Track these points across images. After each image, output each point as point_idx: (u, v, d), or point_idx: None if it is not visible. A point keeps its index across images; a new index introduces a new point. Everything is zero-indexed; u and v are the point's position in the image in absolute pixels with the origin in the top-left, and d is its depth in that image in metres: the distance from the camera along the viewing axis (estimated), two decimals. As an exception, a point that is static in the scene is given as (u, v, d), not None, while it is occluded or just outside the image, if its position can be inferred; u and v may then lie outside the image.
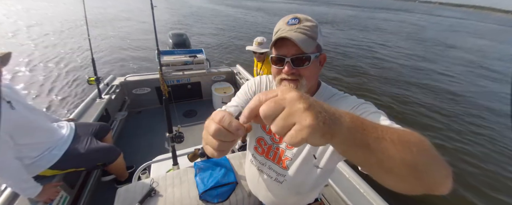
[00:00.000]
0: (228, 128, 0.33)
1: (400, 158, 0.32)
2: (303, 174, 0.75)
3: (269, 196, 0.88)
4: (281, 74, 0.63)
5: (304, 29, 0.58)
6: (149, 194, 1.05)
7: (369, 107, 0.61)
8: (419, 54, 10.01)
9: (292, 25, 0.59)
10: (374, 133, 0.32)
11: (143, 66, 5.94)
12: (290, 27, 0.59)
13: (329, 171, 0.82)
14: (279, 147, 0.77)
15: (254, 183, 0.94)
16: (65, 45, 7.06)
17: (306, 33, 0.58)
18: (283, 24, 0.61)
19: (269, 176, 0.82)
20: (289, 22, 0.60)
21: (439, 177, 0.35)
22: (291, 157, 0.75)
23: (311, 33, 0.59)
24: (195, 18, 14.73)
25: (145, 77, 2.92)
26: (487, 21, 47.38)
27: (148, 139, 2.44)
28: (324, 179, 0.84)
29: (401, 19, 28.02)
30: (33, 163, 1.26)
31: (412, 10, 60.24)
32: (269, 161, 0.81)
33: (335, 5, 47.93)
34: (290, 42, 0.58)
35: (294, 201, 0.87)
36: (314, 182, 0.78)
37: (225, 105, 0.77)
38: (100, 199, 1.75)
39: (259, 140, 0.82)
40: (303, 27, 0.58)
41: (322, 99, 0.70)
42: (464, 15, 67.32)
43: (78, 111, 2.06)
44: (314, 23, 0.61)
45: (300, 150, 0.73)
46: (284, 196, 0.83)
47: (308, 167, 0.73)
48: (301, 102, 0.27)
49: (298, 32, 0.58)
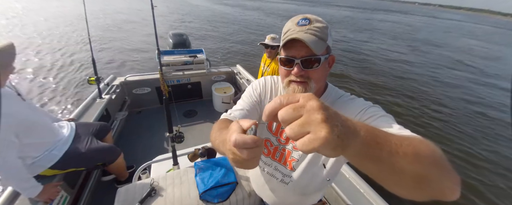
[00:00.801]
0: (246, 146, 0.32)
1: (411, 171, 0.32)
2: (309, 176, 0.75)
3: (274, 196, 0.88)
4: (290, 75, 0.62)
5: (315, 31, 0.57)
6: (149, 194, 1.05)
7: (377, 111, 0.60)
8: (402, 51, 10.56)
9: (303, 25, 0.57)
10: (388, 147, 0.32)
11: (143, 66, 5.94)
12: (301, 28, 0.57)
13: (335, 174, 0.82)
14: (285, 148, 0.77)
15: (260, 184, 0.94)
16: (65, 45, 7.06)
17: (316, 34, 0.57)
18: (293, 24, 0.59)
19: (275, 177, 0.82)
20: (299, 22, 0.58)
21: (448, 186, 0.35)
22: (297, 158, 0.75)
23: (322, 35, 0.57)
24: (195, 18, 14.74)
25: (145, 77, 2.92)
26: (484, 23, 47.72)
27: (148, 139, 2.44)
28: (330, 180, 0.84)
29: (397, 20, 28.20)
30: (34, 163, 1.26)
31: (411, 12, 60.46)
32: (275, 162, 0.81)
33: (334, 6, 47.98)
34: (300, 43, 0.56)
35: (298, 201, 0.87)
36: (320, 184, 0.78)
37: (231, 109, 0.77)
38: (100, 199, 1.75)
39: (265, 141, 0.81)
40: (314, 28, 0.57)
41: (328, 101, 0.69)
42: (463, 18, 67.76)
43: (78, 111, 2.06)
44: (325, 24, 0.59)
45: None
46: (289, 196, 0.83)
47: (314, 168, 0.74)
48: (319, 113, 0.27)
49: (308, 33, 0.56)
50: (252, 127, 0.34)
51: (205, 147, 1.38)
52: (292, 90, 0.62)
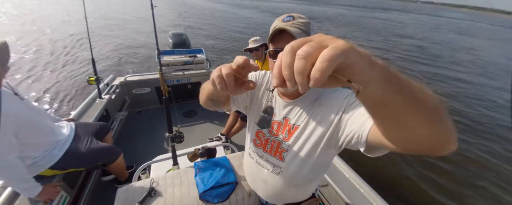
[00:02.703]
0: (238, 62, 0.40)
1: (427, 100, 0.34)
2: (298, 165, 0.77)
3: (267, 189, 0.89)
4: None
5: (299, 25, 0.64)
6: (149, 194, 1.05)
7: (347, 98, 0.67)
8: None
9: (287, 21, 0.65)
10: (405, 78, 0.32)
11: (143, 66, 5.94)
12: (286, 23, 0.64)
13: (324, 165, 0.83)
14: (276, 140, 0.80)
15: (253, 177, 0.96)
16: (65, 45, 7.05)
17: (300, 27, 0.63)
18: (278, 21, 0.67)
19: (266, 168, 0.84)
20: (284, 19, 0.66)
21: (452, 130, 0.37)
22: (287, 148, 0.77)
23: (305, 29, 0.64)
24: (194, 17, 14.74)
25: (145, 77, 2.92)
26: (483, 21, 48.35)
27: (148, 139, 2.44)
28: (319, 172, 0.86)
29: (399, 19, 28.30)
30: (33, 163, 1.26)
31: (414, 11, 60.71)
32: (266, 154, 0.83)
33: (338, 5, 47.99)
34: (286, 36, 0.63)
35: (291, 194, 0.88)
36: (308, 174, 0.79)
37: None
38: (100, 199, 1.75)
39: (258, 133, 0.85)
40: (297, 23, 0.64)
41: (314, 94, 0.74)
42: (465, 16, 68.13)
43: (78, 111, 2.06)
44: (307, 20, 0.67)
45: (295, 141, 0.75)
46: (281, 188, 0.84)
47: (303, 157, 0.75)
48: (332, 37, 0.27)
49: (293, 27, 0.63)
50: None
51: (205, 147, 1.38)
52: None
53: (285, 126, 0.77)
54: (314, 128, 0.71)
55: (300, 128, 0.74)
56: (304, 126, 0.73)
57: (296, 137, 0.75)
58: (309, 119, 0.72)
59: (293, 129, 0.76)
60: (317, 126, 0.71)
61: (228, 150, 1.69)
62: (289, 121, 0.77)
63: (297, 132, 0.75)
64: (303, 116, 0.74)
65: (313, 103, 0.73)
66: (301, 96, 0.75)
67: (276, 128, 0.80)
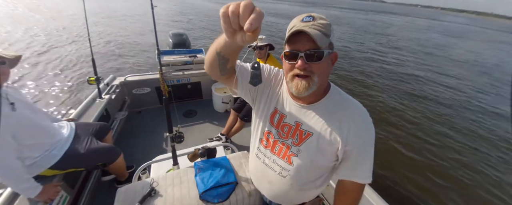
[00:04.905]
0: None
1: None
2: (306, 171, 0.76)
3: (272, 189, 0.89)
4: (294, 69, 0.63)
5: (319, 26, 0.59)
6: (149, 194, 1.05)
7: (368, 139, 0.70)
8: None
9: (307, 22, 0.60)
10: None
11: (144, 66, 5.94)
12: (305, 24, 0.60)
13: (332, 173, 0.83)
14: (285, 142, 0.78)
15: (258, 176, 0.95)
16: (65, 45, 7.05)
17: (320, 29, 0.59)
18: (297, 21, 0.62)
19: (274, 170, 0.83)
20: (303, 19, 0.61)
21: None
22: (296, 153, 0.76)
23: (325, 31, 0.59)
24: (194, 16, 14.74)
25: (145, 77, 2.92)
26: (483, 26, 48.54)
27: (148, 139, 2.44)
28: (327, 179, 0.85)
29: (398, 23, 28.26)
30: (33, 164, 1.26)
31: (414, 15, 60.69)
32: (274, 156, 0.82)
33: (335, 8, 47.91)
34: (304, 37, 0.59)
35: (295, 196, 0.87)
36: (316, 180, 0.79)
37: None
38: (100, 199, 1.75)
39: (266, 133, 0.83)
40: (317, 24, 0.59)
41: (335, 100, 0.72)
42: (465, 21, 68.18)
43: (78, 111, 2.05)
44: (328, 21, 0.62)
45: (306, 148, 0.74)
46: (287, 190, 0.83)
47: (312, 165, 0.74)
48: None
49: (312, 28, 0.58)
50: None
51: (205, 147, 1.38)
52: (295, 84, 0.64)
53: (296, 131, 0.75)
54: (329, 142, 0.70)
55: (312, 136, 0.72)
56: (318, 136, 0.71)
57: (307, 144, 0.73)
58: (325, 130, 0.70)
59: (305, 135, 0.73)
60: (332, 141, 0.69)
61: (228, 150, 1.69)
62: (301, 126, 0.74)
63: (309, 139, 0.73)
64: (318, 125, 0.71)
65: (331, 116, 0.70)
66: (316, 103, 0.72)
67: (286, 131, 0.77)
